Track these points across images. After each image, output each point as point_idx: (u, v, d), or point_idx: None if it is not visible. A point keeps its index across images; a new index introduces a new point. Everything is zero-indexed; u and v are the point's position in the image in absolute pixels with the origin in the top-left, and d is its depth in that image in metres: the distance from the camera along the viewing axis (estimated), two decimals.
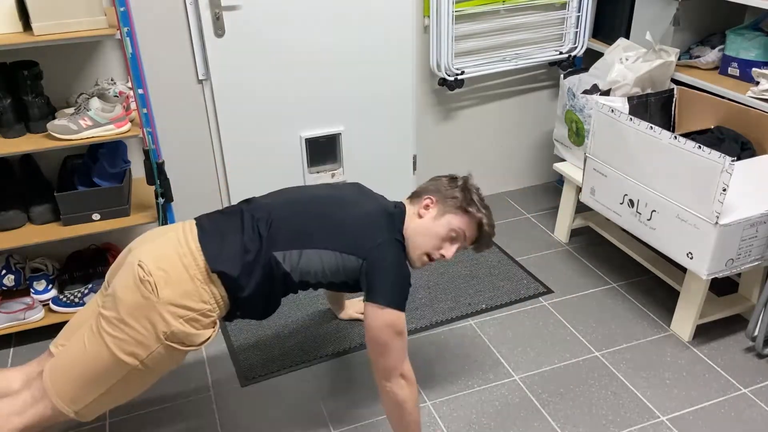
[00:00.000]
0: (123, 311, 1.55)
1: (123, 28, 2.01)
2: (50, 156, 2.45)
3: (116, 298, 1.56)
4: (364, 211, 1.73)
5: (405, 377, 1.68)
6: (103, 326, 1.57)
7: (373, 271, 1.66)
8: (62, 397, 1.59)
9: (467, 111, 3.14)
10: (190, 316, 1.58)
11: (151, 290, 1.54)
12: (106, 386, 1.59)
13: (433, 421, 2.03)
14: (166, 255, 1.59)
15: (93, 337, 1.58)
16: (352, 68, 2.77)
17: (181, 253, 1.60)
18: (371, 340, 1.66)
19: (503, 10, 2.90)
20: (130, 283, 1.56)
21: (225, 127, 2.69)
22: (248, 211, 1.72)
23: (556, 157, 3.14)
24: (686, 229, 2.13)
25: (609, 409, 2.05)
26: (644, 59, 2.63)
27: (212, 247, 1.62)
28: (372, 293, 1.65)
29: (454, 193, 1.79)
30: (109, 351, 1.55)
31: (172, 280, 1.56)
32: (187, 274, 1.58)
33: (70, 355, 1.62)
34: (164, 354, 1.58)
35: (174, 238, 1.64)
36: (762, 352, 2.24)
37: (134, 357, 1.56)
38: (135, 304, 1.54)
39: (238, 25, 2.52)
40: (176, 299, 1.56)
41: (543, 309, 2.51)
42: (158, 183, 2.26)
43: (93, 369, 1.57)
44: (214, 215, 1.76)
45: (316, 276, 1.71)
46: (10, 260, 2.41)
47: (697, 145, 2.04)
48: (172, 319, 1.55)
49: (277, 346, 2.35)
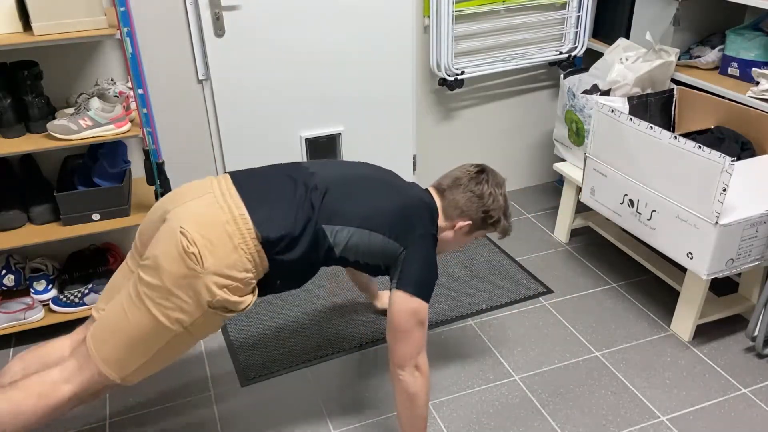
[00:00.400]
0: (167, 281, 1.53)
1: (123, 28, 2.01)
2: (50, 156, 2.45)
3: (159, 268, 1.54)
4: (409, 199, 1.78)
5: (419, 369, 1.71)
6: (146, 293, 1.55)
7: (409, 259, 1.71)
8: (108, 363, 1.59)
9: (467, 111, 3.14)
10: (234, 285, 1.57)
11: (196, 262, 1.52)
12: (152, 352, 1.59)
13: (433, 421, 2.03)
14: (209, 222, 1.56)
15: (134, 304, 1.57)
16: (352, 68, 2.77)
17: (224, 220, 1.57)
18: (393, 325, 1.69)
19: (503, 10, 2.90)
20: (173, 253, 1.53)
21: (225, 127, 2.69)
22: (300, 178, 1.71)
23: (556, 157, 3.14)
24: (686, 229, 2.13)
25: (609, 409, 2.05)
26: (644, 59, 2.63)
27: (260, 214, 1.60)
28: (402, 281, 1.69)
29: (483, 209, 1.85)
30: (153, 318, 1.55)
31: (216, 250, 1.54)
32: (231, 243, 1.56)
33: (111, 322, 1.60)
34: (208, 319, 1.59)
35: (214, 202, 1.60)
36: (762, 352, 2.24)
37: (179, 324, 1.56)
38: (180, 275, 1.53)
39: (238, 25, 2.52)
40: (221, 269, 1.54)
41: (543, 309, 2.51)
42: (158, 183, 2.26)
43: (137, 335, 1.57)
44: (254, 177, 1.71)
45: (356, 255, 1.72)
46: (10, 260, 2.41)
47: (697, 145, 2.04)
48: (216, 288, 1.54)
49: (277, 346, 2.35)
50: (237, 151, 2.74)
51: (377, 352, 2.32)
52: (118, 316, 1.59)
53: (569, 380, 2.17)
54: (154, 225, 1.67)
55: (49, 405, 1.57)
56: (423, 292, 1.69)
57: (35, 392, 1.57)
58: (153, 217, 1.69)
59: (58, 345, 1.77)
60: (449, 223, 1.86)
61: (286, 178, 1.71)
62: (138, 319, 1.56)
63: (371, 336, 2.39)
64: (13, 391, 1.58)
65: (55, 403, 1.58)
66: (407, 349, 1.69)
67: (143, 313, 1.56)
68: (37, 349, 1.76)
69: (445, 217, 1.86)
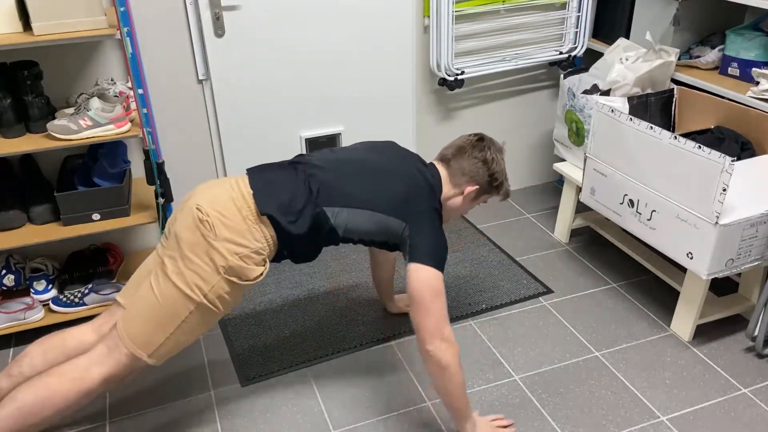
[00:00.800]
0: (185, 248, 1.69)
1: (123, 28, 2.01)
2: (50, 156, 2.45)
3: (178, 238, 1.70)
4: (409, 176, 1.86)
5: (446, 340, 1.74)
6: (168, 266, 1.70)
7: (414, 234, 1.79)
8: (135, 341, 1.70)
9: (467, 111, 3.14)
10: (245, 253, 1.71)
11: (209, 229, 1.68)
12: (175, 325, 1.71)
13: (433, 421, 2.03)
14: (220, 198, 1.73)
15: (158, 279, 1.71)
16: (352, 68, 2.77)
17: (234, 196, 1.74)
18: (414, 300, 1.75)
19: (503, 10, 2.90)
20: (190, 224, 1.70)
21: (225, 127, 2.69)
22: (301, 165, 1.84)
23: (556, 157, 3.14)
24: (686, 229, 2.13)
25: (609, 409, 2.05)
26: (644, 59, 2.63)
27: (262, 192, 1.76)
28: (412, 255, 1.77)
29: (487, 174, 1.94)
30: (175, 287, 1.68)
31: (227, 220, 1.70)
32: (240, 215, 1.72)
33: (139, 301, 1.73)
34: (226, 288, 1.71)
35: (227, 185, 1.78)
36: (762, 352, 2.24)
37: (199, 290, 1.69)
38: (196, 242, 1.68)
39: (238, 25, 2.52)
40: (232, 237, 1.69)
41: (543, 309, 2.51)
42: (158, 183, 2.25)
43: (161, 309, 1.69)
44: (265, 166, 1.88)
45: (359, 234, 1.84)
46: (10, 260, 2.41)
47: (697, 145, 2.04)
48: (228, 254, 1.69)
49: (277, 346, 2.35)
50: (237, 151, 2.74)
51: (377, 351, 2.32)
52: (146, 294, 1.72)
53: (569, 380, 2.17)
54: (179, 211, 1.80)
55: (81, 389, 1.68)
56: (433, 261, 1.75)
57: (69, 377, 1.68)
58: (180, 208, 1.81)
59: (77, 333, 1.85)
60: (457, 189, 1.94)
61: (289, 166, 1.85)
62: (161, 291, 1.69)
63: (371, 336, 2.39)
64: (47, 377, 1.69)
65: (87, 386, 1.69)
66: (431, 322, 1.73)
67: (166, 285, 1.69)
68: (56, 337, 1.85)
69: (452, 185, 1.94)
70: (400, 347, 2.34)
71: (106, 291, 2.38)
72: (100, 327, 1.85)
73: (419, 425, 2.01)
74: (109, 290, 2.39)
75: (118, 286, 2.41)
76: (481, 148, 1.94)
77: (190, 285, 1.68)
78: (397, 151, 1.97)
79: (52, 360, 1.79)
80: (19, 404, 1.66)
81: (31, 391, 1.67)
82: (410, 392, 2.14)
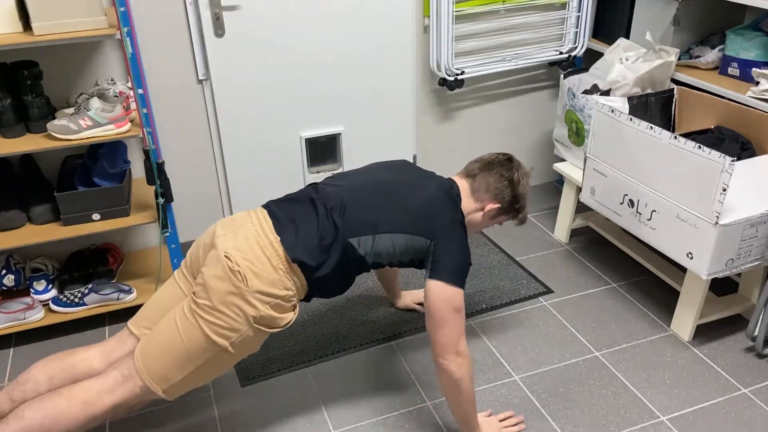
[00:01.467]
0: (216, 300, 1.65)
1: (123, 28, 2.01)
2: (50, 156, 2.45)
3: (208, 288, 1.66)
4: (428, 193, 1.84)
5: (461, 355, 1.75)
6: (197, 312, 1.67)
7: (439, 250, 1.77)
8: (153, 376, 1.68)
9: (467, 111, 3.14)
10: (275, 302, 1.70)
11: (240, 280, 1.65)
12: (194, 366, 1.69)
13: (433, 421, 2.03)
14: (250, 247, 1.70)
15: (186, 322, 1.68)
16: (352, 68, 2.77)
17: (262, 244, 1.71)
18: (432, 315, 1.74)
19: (503, 10, 2.90)
20: (221, 274, 1.66)
21: (225, 127, 2.69)
22: (320, 200, 1.81)
23: (556, 157, 3.14)
24: (686, 229, 2.13)
25: (609, 409, 2.05)
26: (644, 59, 2.63)
27: (289, 237, 1.73)
28: (435, 271, 1.75)
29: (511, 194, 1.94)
30: (203, 334, 1.66)
31: (258, 270, 1.67)
32: (270, 265, 1.69)
33: (162, 338, 1.70)
34: (251, 336, 1.70)
35: (253, 230, 1.74)
36: (762, 352, 2.24)
37: (226, 339, 1.67)
38: (227, 293, 1.65)
39: (238, 25, 2.52)
40: (263, 288, 1.67)
41: (543, 309, 2.51)
42: (158, 183, 2.25)
43: (185, 350, 1.67)
44: (283, 204, 1.84)
45: (387, 257, 1.82)
46: (10, 260, 2.41)
47: (697, 145, 2.04)
48: (260, 305, 1.67)
49: (277, 346, 2.35)
50: (237, 150, 2.74)
51: (377, 351, 2.32)
52: (171, 333, 1.69)
53: (569, 380, 2.17)
54: (204, 248, 1.80)
55: (90, 414, 1.65)
56: (457, 279, 1.75)
57: (80, 400, 1.65)
58: (204, 239, 1.83)
59: (84, 356, 1.81)
60: (478, 205, 1.93)
61: (308, 202, 1.82)
62: (189, 335, 1.67)
63: (371, 336, 2.39)
64: (57, 398, 1.65)
65: (96, 412, 1.66)
66: (447, 336, 1.73)
67: (195, 330, 1.66)
68: (62, 359, 1.80)
69: (474, 199, 1.93)
70: (400, 347, 2.34)
71: (106, 291, 2.38)
72: (109, 354, 1.81)
73: (419, 425, 2.01)
74: (109, 290, 2.39)
75: (118, 286, 2.41)
76: (509, 167, 1.94)
77: (218, 333, 1.66)
78: (412, 169, 1.96)
79: (58, 385, 1.74)
80: (26, 423, 1.63)
81: (39, 411, 1.64)
82: (410, 392, 2.14)
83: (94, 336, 2.41)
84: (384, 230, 1.77)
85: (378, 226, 1.77)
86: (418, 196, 1.82)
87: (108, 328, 2.46)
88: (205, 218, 2.86)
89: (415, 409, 2.07)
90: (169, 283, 1.88)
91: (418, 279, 2.70)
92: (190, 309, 1.68)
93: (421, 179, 1.89)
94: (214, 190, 2.82)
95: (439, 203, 1.82)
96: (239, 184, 2.81)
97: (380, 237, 1.77)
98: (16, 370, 2.27)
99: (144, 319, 1.83)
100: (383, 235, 1.77)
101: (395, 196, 1.82)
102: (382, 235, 1.77)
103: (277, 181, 2.86)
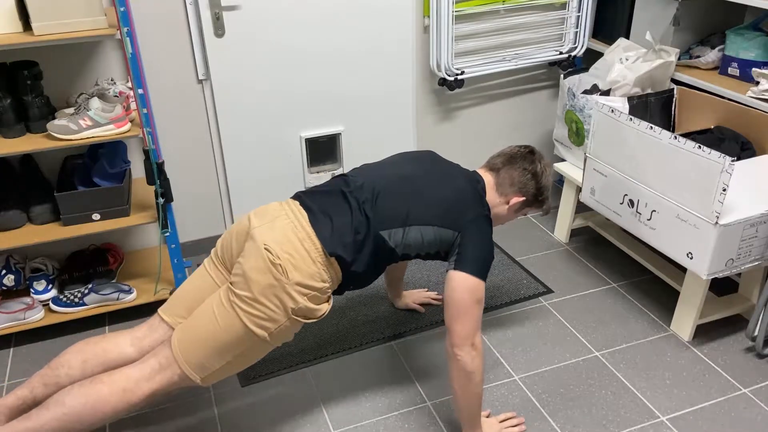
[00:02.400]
0: (256, 291, 1.68)
1: (123, 28, 2.01)
2: (50, 156, 2.45)
3: (248, 279, 1.69)
4: (457, 186, 1.87)
5: (476, 348, 1.76)
6: (236, 303, 1.69)
7: (465, 242, 1.80)
8: (191, 364, 1.71)
9: (467, 111, 3.14)
10: (313, 294, 1.73)
11: (281, 272, 1.68)
12: (233, 355, 1.72)
13: (433, 421, 2.03)
14: (289, 240, 1.72)
15: (225, 312, 1.70)
16: (352, 68, 2.77)
17: (301, 237, 1.73)
18: (452, 304, 1.76)
19: (503, 10, 2.90)
20: (261, 266, 1.68)
21: (225, 127, 2.69)
22: (351, 192, 1.83)
23: (556, 157, 3.14)
24: (686, 229, 2.13)
25: (609, 409, 2.05)
26: (644, 59, 2.63)
27: (325, 230, 1.75)
28: (460, 262, 1.77)
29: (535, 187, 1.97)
30: (242, 324, 1.68)
31: (298, 264, 1.70)
32: (309, 257, 1.72)
33: (200, 328, 1.72)
34: (288, 326, 1.73)
35: (289, 222, 1.76)
36: (762, 352, 2.24)
37: (264, 330, 1.70)
38: (267, 285, 1.68)
39: (238, 25, 2.52)
40: (303, 280, 1.70)
41: (543, 309, 2.51)
42: (158, 183, 2.25)
43: (224, 339, 1.70)
44: (316, 196, 1.86)
45: (416, 248, 1.84)
46: (10, 260, 2.41)
47: (697, 145, 2.04)
48: (299, 296, 1.70)
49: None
50: (237, 150, 2.74)
51: (377, 351, 2.32)
52: (209, 322, 1.71)
53: (569, 380, 2.17)
54: (238, 238, 1.82)
55: (129, 401, 1.69)
56: (480, 270, 1.77)
57: (120, 387, 1.68)
58: (237, 229, 1.83)
59: (116, 342, 1.84)
60: (503, 198, 1.96)
61: (339, 195, 1.84)
62: (228, 325, 1.69)
63: (371, 336, 2.39)
64: (98, 384, 1.68)
65: (135, 399, 1.70)
66: (465, 327, 1.74)
67: (234, 320, 1.69)
68: (95, 344, 1.83)
69: (499, 193, 1.95)
70: (400, 347, 2.34)
71: (106, 291, 2.38)
72: (141, 340, 1.83)
73: (419, 425, 2.02)
74: (109, 290, 2.39)
75: (118, 286, 2.41)
76: (531, 160, 1.96)
77: (257, 324, 1.69)
78: (439, 161, 1.99)
79: (91, 371, 1.78)
80: (67, 409, 1.65)
81: (80, 397, 1.66)
82: (410, 392, 2.14)
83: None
84: (414, 222, 1.80)
85: (408, 219, 1.80)
86: (446, 188, 1.85)
87: (108, 328, 2.46)
88: (205, 218, 2.86)
89: (415, 409, 2.07)
90: (199, 272, 1.90)
91: (417, 280, 2.70)
92: (229, 300, 1.70)
93: (448, 172, 1.92)
94: (214, 190, 2.83)
95: (468, 196, 1.85)
96: (239, 184, 2.81)
97: (410, 229, 1.80)
98: (16, 370, 2.27)
99: (176, 306, 1.85)
100: (413, 227, 1.80)
101: (424, 188, 1.84)
102: (412, 227, 1.80)
103: (277, 180, 2.86)
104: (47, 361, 2.29)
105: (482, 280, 1.76)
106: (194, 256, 2.86)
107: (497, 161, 1.98)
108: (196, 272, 1.90)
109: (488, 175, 1.97)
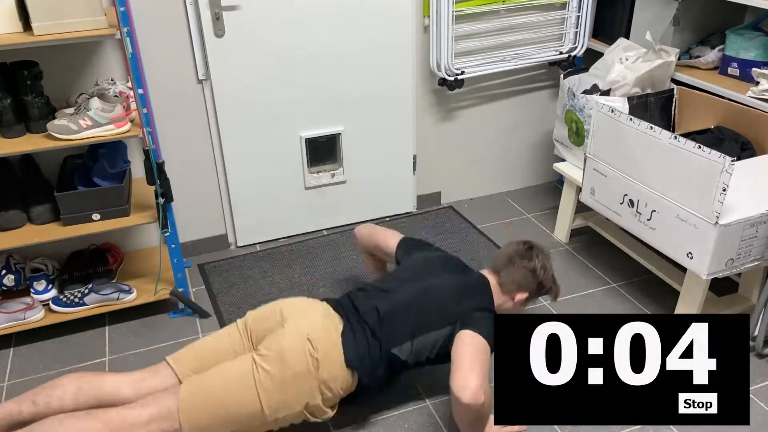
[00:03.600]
0: (287, 374, 1.74)
1: (123, 28, 2.01)
2: (50, 156, 2.45)
3: (283, 361, 1.75)
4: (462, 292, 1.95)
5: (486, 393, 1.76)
6: (261, 380, 1.74)
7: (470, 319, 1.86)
8: (192, 424, 1.71)
9: (467, 111, 3.13)
10: (328, 396, 1.81)
11: (315, 366, 1.76)
12: (235, 427, 1.75)
13: (433, 421, 2.02)
14: (326, 339, 1.82)
15: (245, 386, 1.74)
16: (352, 68, 2.77)
17: (335, 339, 1.83)
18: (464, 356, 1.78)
19: (503, 10, 2.90)
20: (300, 351, 1.76)
21: (225, 127, 2.69)
22: (369, 319, 1.90)
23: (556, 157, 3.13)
24: (686, 229, 2.13)
25: None
26: (644, 59, 2.63)
27: (350, 346, 1.84)
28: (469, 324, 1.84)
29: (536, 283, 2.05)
30: (257, 403, 1.73)
31: (330, 364, 1.79)
32: (339, 360, 1.81)
33: (212, 392, 1.75)
34: (294, 417, 1.80)
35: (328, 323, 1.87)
36: (762, 351, 2.24)
37: (274, 414, 1.75)
38: (299, 373, 1.75)
39: (238, 25, 2.52)
40: (328, 380, 1.79)
41: (543, 309, 2.51)
42: (158, 183, 2.25)
43: (234, 413, 1.74)
44: (349, 308, 1.95)
45: (426, 353, 1.91)
46: (10, 260, 2.41)
47: (697, 145, 2.04)
48: (318, 394, 1.78)
49: None
50: (237, 151, 2.74)
51: None
52: (225, 394, 1.74)
53: None
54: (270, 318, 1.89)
55: None
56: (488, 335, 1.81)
57: (113, 428, 1.67)
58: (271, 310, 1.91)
59: (114, 379, 1.84)
60: (508, 296, 2.04)
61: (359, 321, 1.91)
62: (242, 399, 1.73)
63: None
64: (91, 421, 1.68)
65: None
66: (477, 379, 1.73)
67: (250, 396, 1.73)
68: (93, 376, 1.84)
69: (503, 292, 2.03)
70: None
71: (106, 291, 2.38)
72: (139, 383, 1.83)
73: (419, 425, 2.01)
74: (109, 290, 2.38)
75: (118, 286, 2.41)
76: (529, 257, 2.03)
77: (273, 408, 1.73)
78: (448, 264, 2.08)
79: (83, 402, 1.76)
80: None
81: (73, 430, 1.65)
82: (410, 392, 2.14)
83: (94, 336, 2.41)
84: (418, 333, 1.88)
85: (415, 332, 1.88)
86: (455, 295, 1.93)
87: (108, 328, 2.46)
88: (205, 218, 2.86)
89: (415, 409, 2.07)
90: (222, 334, 1.93)
91: None
92: (252, 375, 1.74)
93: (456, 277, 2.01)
94: (214, 190, 2.82)
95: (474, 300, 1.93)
96: (239, 183, 2.81)
97: (416, 340, 1.88)
98: (16, 370, 2.27)
99: (187, 359, 1.87)
100: (419, 337, 1.88)
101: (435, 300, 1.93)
102: (419, 337, 1.88)
103: (277, 180, 2.86)
104: (47, 361, 2.30)
105: (490, 341, 1.79)
106: (194, 256, 2.86)
107: (499, 262, 2.06)
108: (220, 333, 1.95)
109: (491, 276, 2.05)
